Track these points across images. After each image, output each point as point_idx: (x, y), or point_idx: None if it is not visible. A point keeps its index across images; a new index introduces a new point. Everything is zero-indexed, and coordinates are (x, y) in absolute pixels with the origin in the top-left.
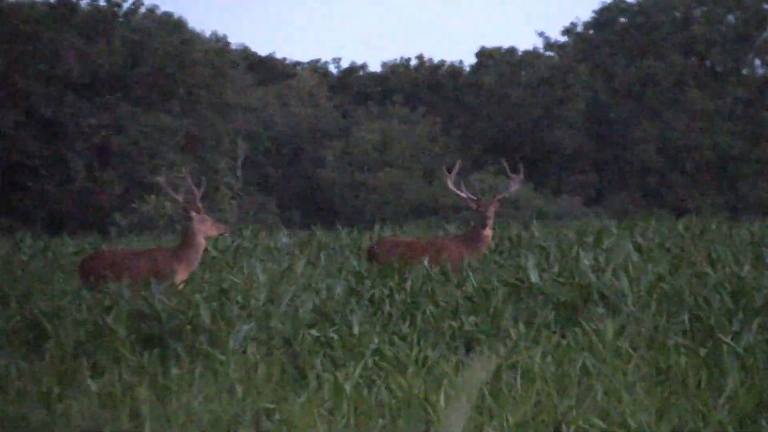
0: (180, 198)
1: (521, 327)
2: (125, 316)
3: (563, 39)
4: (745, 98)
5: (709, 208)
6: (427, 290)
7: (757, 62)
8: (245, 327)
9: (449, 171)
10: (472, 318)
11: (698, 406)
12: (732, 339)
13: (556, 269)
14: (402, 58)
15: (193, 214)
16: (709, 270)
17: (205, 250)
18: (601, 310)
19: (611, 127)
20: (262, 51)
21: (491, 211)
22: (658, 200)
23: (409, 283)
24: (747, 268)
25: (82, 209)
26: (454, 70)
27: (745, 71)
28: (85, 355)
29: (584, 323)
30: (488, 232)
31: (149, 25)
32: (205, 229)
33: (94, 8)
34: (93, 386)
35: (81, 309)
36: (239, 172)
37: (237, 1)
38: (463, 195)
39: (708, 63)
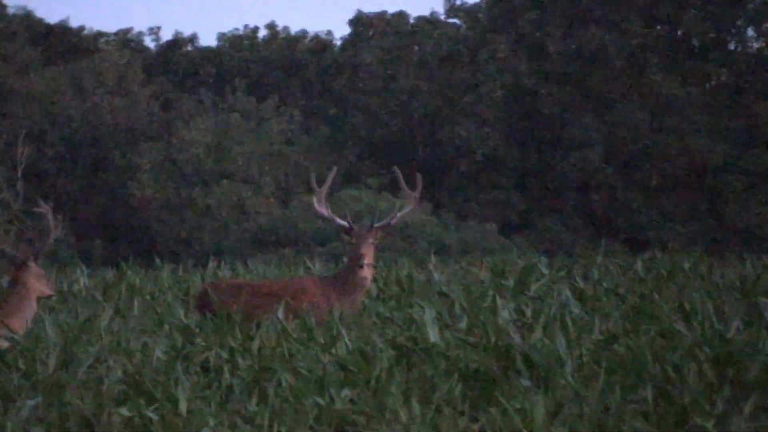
0: None
1: (415, 406)
2: None
3: (473, 0)
4: (732, 83)
5: (680, 239)
6: (282, 353)
7: (750, 32)
8: (29, 403)
9: (320, 183)
10: (345, 393)
11: None
12: (715, 425)
13: (463, 325)
14: (246, 27)
15: (32, 263)
16: (681, 327)
17: None
18: (527, 382)
19: (540, 123)
20: (52, 17)
21: (369, 244)
22: (607, 228)
23: (257, 343)
24: (735, 324)
25: None
26: (320, 45)
27: (732, 45)
28: None
29: (504, 401)
30: (366, 272)
31: None
32: (41, 288)
33: None
34: None
35: None
36: (19, 186)
37: None
38: (337, 220)
39: (679, 34)
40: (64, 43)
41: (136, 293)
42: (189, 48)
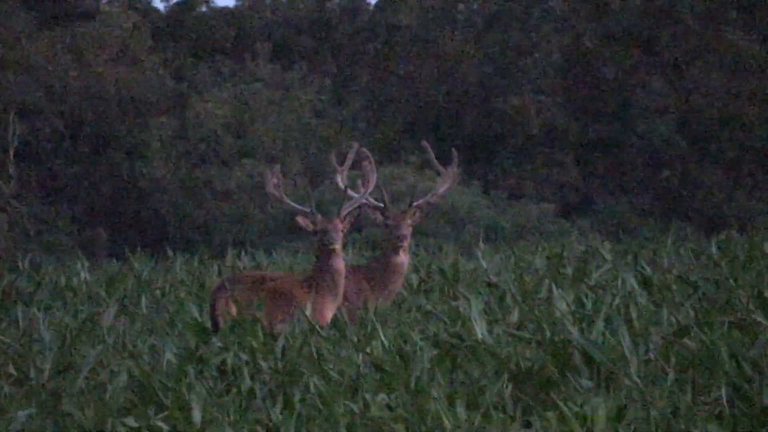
0: None
1: (460, 411)
2: None
3: None
4: None
5: (762, 220)
6: (309, 353)
7: None
8: (22, 414)
9: (341, 162)
10: (381, 397)
11: None
12: None
13: (515, 318)
14: None
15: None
16: (760, 318)
17: None
18: (587, 382)
19: (603, 90)
20: None
21: (406, 227)
22: (679, 207)
23: (281, 343)
24: None
25: None
26: (353, 5)
27: None
28: None
29: (561, 404)
30: (403, 257)
31: None
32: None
33: None
34: None
35: None
36: (12, 168)
37: None
38: (361, 200)
39: None
40: (61, 5)
41: (144, 288)
42: (203, 9)
